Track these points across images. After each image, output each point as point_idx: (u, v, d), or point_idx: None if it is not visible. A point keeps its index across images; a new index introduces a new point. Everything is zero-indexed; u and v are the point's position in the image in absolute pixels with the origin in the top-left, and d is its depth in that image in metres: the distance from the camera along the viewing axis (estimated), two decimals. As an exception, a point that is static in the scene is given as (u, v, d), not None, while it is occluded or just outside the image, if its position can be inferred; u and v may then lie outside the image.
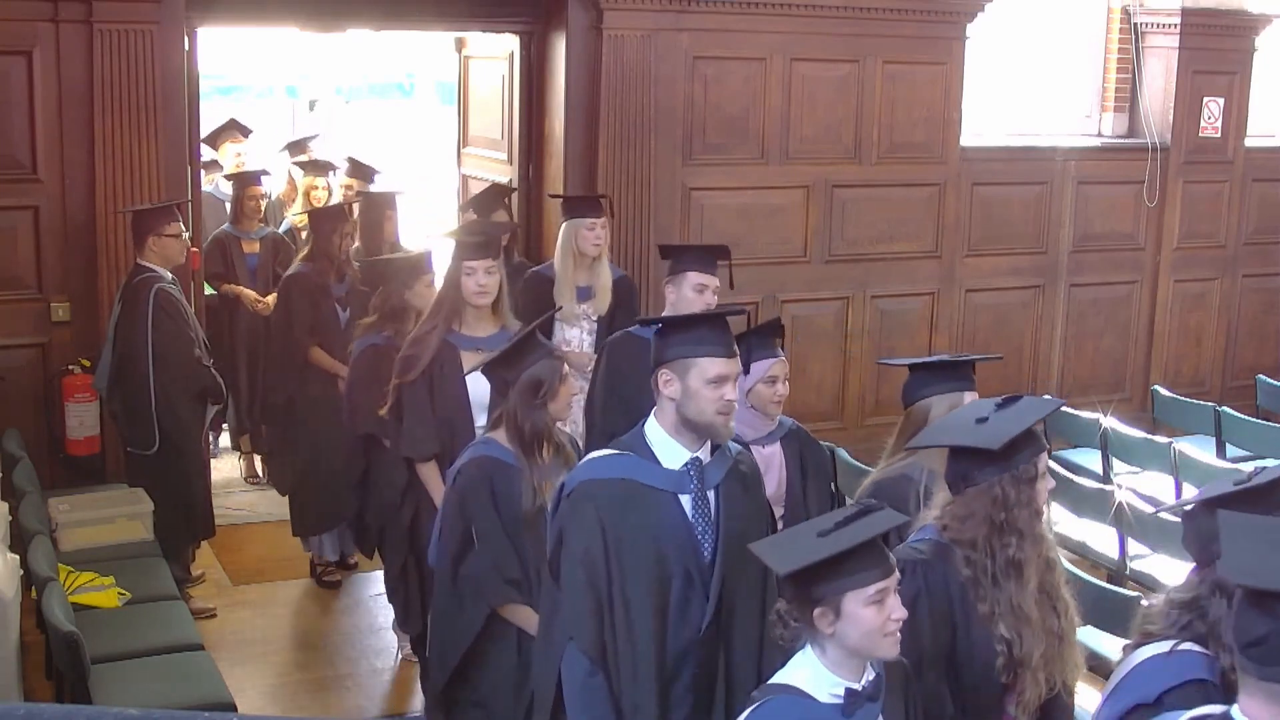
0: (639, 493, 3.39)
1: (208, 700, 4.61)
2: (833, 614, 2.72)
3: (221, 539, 7.00)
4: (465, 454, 4.22)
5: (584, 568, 3.36)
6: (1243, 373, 9.36)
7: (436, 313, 5.08)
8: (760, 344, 4.60)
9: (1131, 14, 9.03)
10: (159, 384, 6.03)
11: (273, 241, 8.00)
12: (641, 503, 3.38)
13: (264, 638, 6.28)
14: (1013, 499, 3.21)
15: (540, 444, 4.10)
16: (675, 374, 3.37)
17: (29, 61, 6.41)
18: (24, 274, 6.58)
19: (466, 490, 4.10)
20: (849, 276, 8.22)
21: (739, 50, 7.69)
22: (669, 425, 3.43)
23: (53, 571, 5.00)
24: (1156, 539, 5.88)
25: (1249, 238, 9.48)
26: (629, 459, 3.44)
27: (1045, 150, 8.81)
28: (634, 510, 3.38)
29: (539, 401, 4.08)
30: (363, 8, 7.40)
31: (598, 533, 3.36)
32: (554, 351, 4.25)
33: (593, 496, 3.39)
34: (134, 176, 6.53)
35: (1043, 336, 8.96)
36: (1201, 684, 2.81)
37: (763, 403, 4.62)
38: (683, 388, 3.37)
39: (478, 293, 5.01)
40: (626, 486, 3.39)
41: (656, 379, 3.42)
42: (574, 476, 3.49)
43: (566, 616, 3.42)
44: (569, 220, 6.20)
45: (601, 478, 3.42)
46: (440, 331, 5.02)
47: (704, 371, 3.37)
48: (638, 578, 3.35)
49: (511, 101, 7.82)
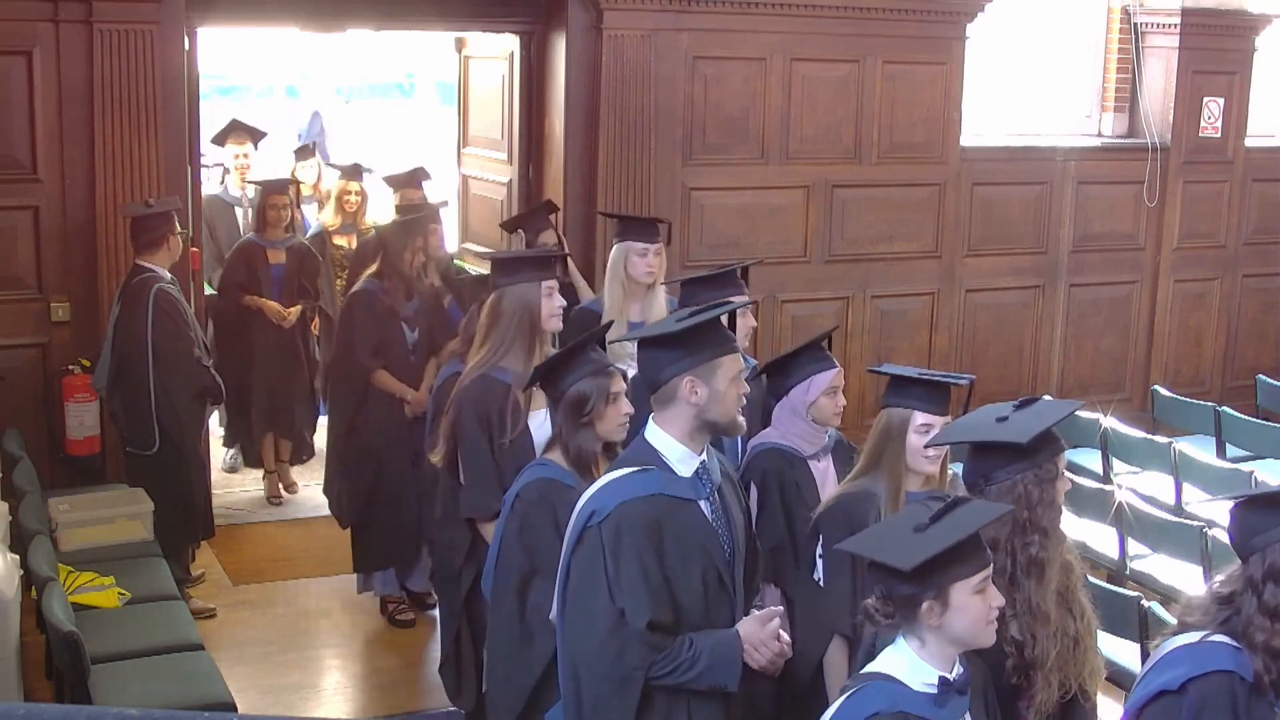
0: (671, 507, 3.31)
1: (208, 700, 4.60)
2: (941, 606, 2.74)
3: (221, 539, 7.00)
4: (523, 476, 4.00)
5: (645, 583, 3.22)
6: (1243, 373, 9.36)
7: (501, 344, 4.52)
8: (817, 356, 4.49)
9: (1131, 14, 9.03)
10: (159, 384, 6.03)
11: (299, 251, 7.63)
12: (676, 517, 3.30)
13: (264, 638, 6.28)
14: (1036, 497, 3.21)
15: (591, 466, 3.86)
16: (700, 378, 3.30)
17: (29, 61, 6.41)
18: (24, 274, 6.58)
19: (527, 515, 3.87)
20: (849, 276, 8.22)
21: (739, 50, 7.69)
22: (682, 432, 3.34)
23: (53, 571, 5.00)
24: (1156, 539, 5.88)
25: (1249, 238, 9.48)
26: (653, 474, 3.33)
27: (1045, 150, 8.81)
28: (674, 526, 3.29)
29: (584, 420, 3.86)
30: (363, 8, 7.40)
31: (651, 552, 3.24)
32: (606, 368, 3.94)
33: (635, 518, 3.26)
34: (134, 176, 6.53)
35: (1043, 336, 8.96)
36: (1227, 675, 2.82)
37: (825, 416, 4.47)
38: (709, 391, 3.30)
39: (555, 315, 4.60)
40: (659, 502, 3.29)
41: (676, 389, 3.31)
42: (599, 502, 3.31)
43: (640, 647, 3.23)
44: (620, 243, 5.65)
45: (638, 497, 3.29)
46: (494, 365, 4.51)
47: (729, 370, 3.33)
48: (690, 594, 3.29)
49: (511, 101, 7.82)
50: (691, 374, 3.30)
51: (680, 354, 3.31)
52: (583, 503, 3.39)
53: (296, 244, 7.65)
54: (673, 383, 3.31)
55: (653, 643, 3.22)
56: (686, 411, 3.32)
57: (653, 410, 3.41)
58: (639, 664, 3.22)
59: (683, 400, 3.31)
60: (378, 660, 6.10)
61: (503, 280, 4.55)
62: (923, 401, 3.88)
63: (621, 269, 5.57)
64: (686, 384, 3.30)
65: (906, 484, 3.86)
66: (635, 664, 3.22)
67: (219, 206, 8.45)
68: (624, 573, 3.22)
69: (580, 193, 7.45)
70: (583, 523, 3.32)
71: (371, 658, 6.13)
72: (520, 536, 3.87)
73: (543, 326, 4.56)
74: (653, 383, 3.36)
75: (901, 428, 3.88)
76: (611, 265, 5.65)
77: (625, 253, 5.58)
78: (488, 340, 4.54)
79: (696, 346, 3.32)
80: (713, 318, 3.38)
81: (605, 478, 3.40)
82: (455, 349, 5.08)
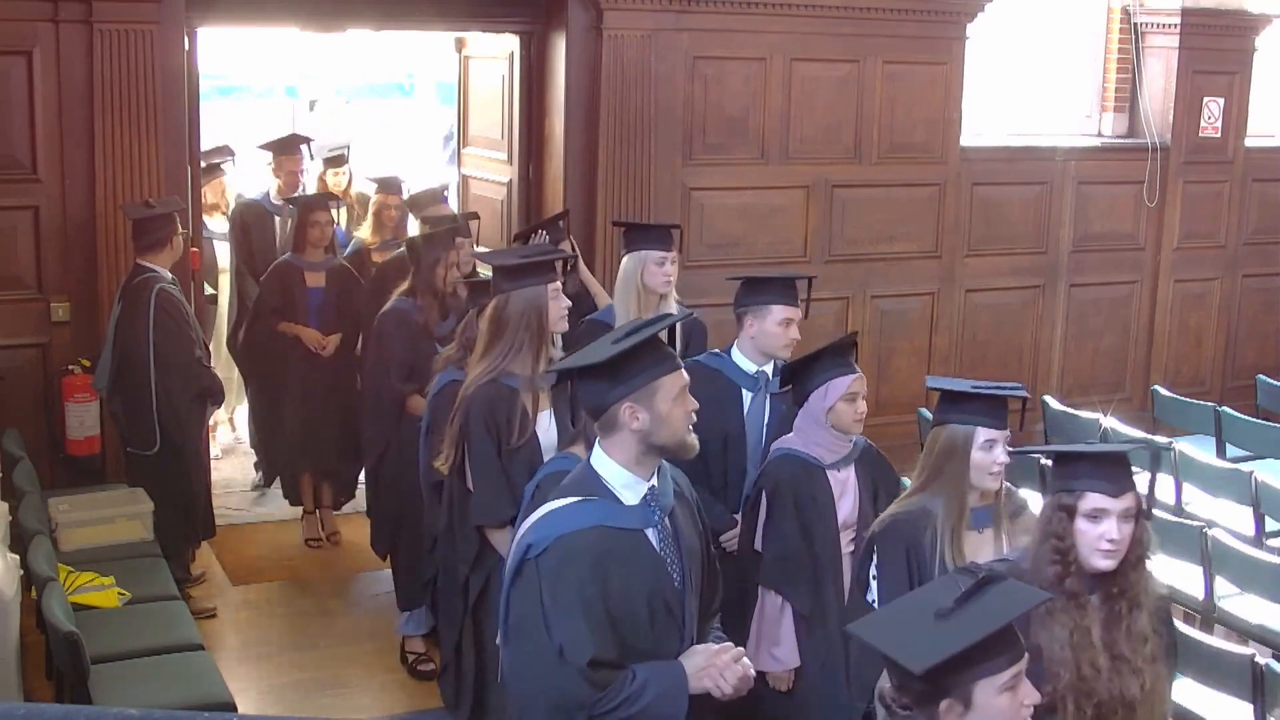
0: (614, 539, 3.14)
1: (208, 700, 4.60)
2: (962, 705, 2.46)
3: (221, 539, 7.00)
4: (546, 467, 3.94)
5: (585, 620, 3.08)
6: (1243, 373, 9.36)
7: (509, 348, 4.43)
8: (837, 360, 4.34)
9: (1131, 14, 9.03)
10: (159, 384, 6.03)
11: (340, 274, 7.10)
12: (619, 549, 3.14)
13: (264, 638, 6.28)
14: None
15: None
16: (640, 404, 3.14)
17: (29, 61, 6.41)
18: (24, 274, 6.58)
19: None
20: (849, 276, 8.22)
21: (739, 50, 7.69)
22: (628, 457, 3.19)
23: (53, 571, 5.00)
24: (1156, 539, 5.87)
25: (1249, 238, 9.49)
26: (595, 505, 3.17)
27: (1045, 150, 8.82)
28: (617, 558, 3.13)
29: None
30: (363, 8, 7.40)
31: (593, 587, 3.08)
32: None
33: (574, 551, 3.11)
34: (134, 176, 6.53)
35: (1043, 336, 8.96)
36: None
37: (845, 423, 4.32)
38: (651, 415, 3.14)
39: (561, 317, 4.51)
40: (602, 535, 3.13)
41: (616, 416, 3.15)
42: (538, 533, 3.17)
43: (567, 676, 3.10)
44: (634, 252, 5.54)
45: (575, 529, 3.13)
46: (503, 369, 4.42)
47: (669, 390, 3.17)
48: (636, 627, 3.15)
49: (511, 101, 7.82)
50: (630, 399, 3.14)
51: (615, 380, 3.16)
52: (521, 532, 3.26)
53: (336, 265, 7.13)
54: (612, 410, 3.16)
55: (595, 680, 3.08)
56: (630, 438, 3.18)
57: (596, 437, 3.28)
58: (581, 703, 3.09)
59: (624, 427, 3.17)
60: (378, 661, 6.09)
61: (507, 285, 4.46)
62: (986, 417, 3.74)
63: (638, 278, 5.47)
64: (626, 410, 3.15)
65: (968, 501, 3.75)
66: (577, 702, 3.10)
67: (258, 213, 8.08)
68: (563, 609, 3.09)
69: (580, 193, 7.45)
70: (520, 555, 3.19)
71: (372, 658, 6.12)
72: None
73: (550, 329, 4.48)
74: (593, 412, 3.23)
75: (965, 445, 3.73)
76: (626, 275, 5.54)
77: (642, 262, 5.49)
78: (494, 345, 4.45)
79: (631, 371, 3.16)
80: (644, 339, 3.19)
81: (546, 507, 3.24)
82: (451, 356, 5.00)
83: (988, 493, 3.79)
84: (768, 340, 4.86)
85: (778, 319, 4.84)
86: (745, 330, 4.89)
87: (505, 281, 4.48)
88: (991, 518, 3.82)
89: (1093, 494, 3.12)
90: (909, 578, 3.68)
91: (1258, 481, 6.25)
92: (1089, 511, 3.12)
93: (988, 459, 3.71)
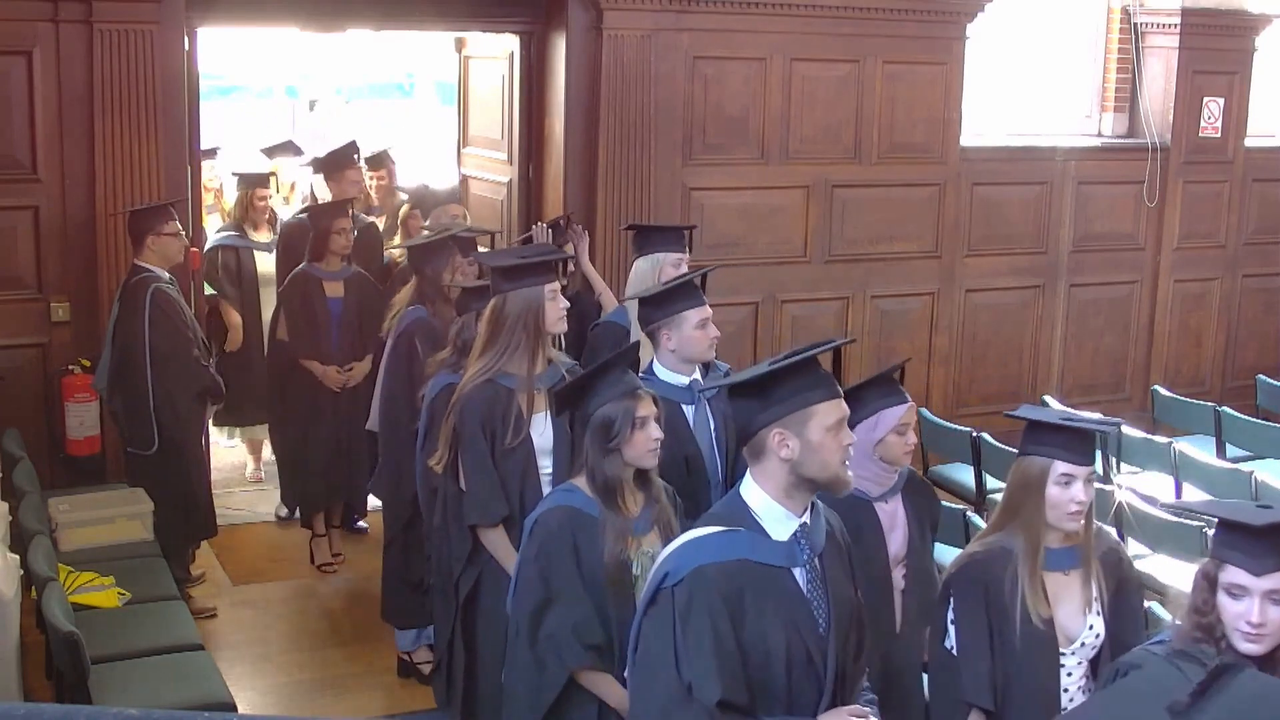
0: (758, 574, 2.96)
1: (208, 700, 4.60)
2: None
3: (221, 539, 6.99)
4: (546, 501, 3.88)
5: (716, 658, 2.90)
6: (1243, 373, 9.36)
7: (506, 349, 4.42)
8: (887, 390, 4.12)
9: (1131, 14, 9.03)
10: (158, 384, 6.04)
11: (359, 283, 6.87)
12: (761, 585, 2.96)
13: (264, 638, 6.28)
14: None
15: (617, 494, 3.70)
16: (790, 430, 2.95)
17: (29, 61, 6.41)
18: (24, 274, 6.58)
19: (545, 543, 3.70)
20: (849, 276, 8.22)
21: (739, 50, 7.69)
22: (777, 489, 2.99)
23: (53, 571, 5.00)
24: (1156, 539, 5.88)
25: (1249, 238, 9.49)
26: (739, 536, 2.99)
27: (1045, 150, 8.81)
28: (758, 595, 2.95)
29: (611, 446, 3.68)
30: (363, 8, 7.40)
31: (727, 623, 2.91)
32: (635, 390, 3.75)
33: (711, 584, 2.93)
34: (134, 176, 6.53)
35: (1043, 336, 8.96)
36: None
37: (894, 455, 4.09)
38: (802, 443, 2.95)
39: (560, 319, 4.49)
40: (745, 569, 2.96)
41: (764, 441, 2.98)
42: (675, 562, 3.01)
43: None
44: (649, 255, 5.51)
45: (717, 561, 2.96)
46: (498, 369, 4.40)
47: (824, 419, 2.97)
48: (766, 672, 2.96)
49: (511, 101, 7.82)
50: (780, 425, 2.96)
51: (767, 402, 2.98)
52: (660, 560, 3.11)
53: (355, 275, 6.88)
54: (761, 434, 2.98)
55: None
56: (778, 467, 2.97)
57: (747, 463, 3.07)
58: None
59: (772, 454, 2.97)
60: (377, 660, 6.09)
61: (505, 286, 4.45)
62: (1064, 450, 3.45)
63: (655, 281, 5.36)
64: (775, 436, 2.96)
65: (1045, 540, 3.49)
66: None
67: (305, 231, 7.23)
68: (694, 644, 2.92)
69: (580, 193, 7.46)
70: (656, 583, 3.03)
71: (371, 658, 6.12)
72: (537, 563, 3.71)
73: (546, 330, 4.47)
74: (741, 434, 3.06)
75: (1040, 479, 3.45)
76: (641, 277, 5.49)
77: (660, 264, 5.46)
78: (491, 345, 4.45)
79: (785, 393, 2.97)
80: (803, 360, 2.98)
81: (686, 535, 3.08)
82: (445, 359, 4.98)
83: (1073, 534, 3.51)
84: (691, 347, 4.64)
85: (693, 323, 4.62)
86: (663, 345, 4.66)
87: (503, 282, 4.47)
88: (1078, 559, 3.54)
89: (1232, 567, 2.87)
90: (988, 623, 3.46)
91: (1258, 481, 6.25)
92: (1228, 586, 2.87)
93: (1064, 496, 3.44)
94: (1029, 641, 3.45)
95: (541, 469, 4.45)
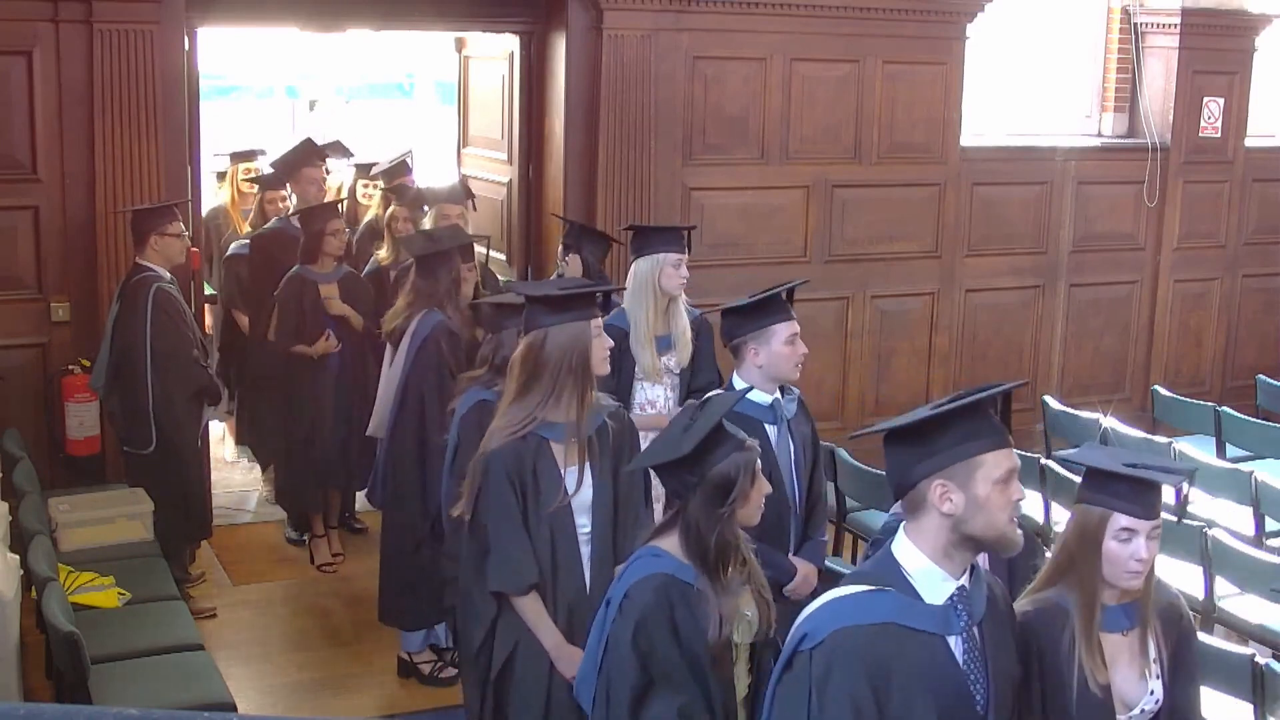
0: (907, 641, 2.69)
1: (208, 700, 4.60)
2: None
3: (221, 539, 7.00)
4: (632, 569, 3.39)
5: None
6: (1243, 373, 9.36)
7: (549, 394, 3.92)
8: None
9: (1131, 14, 9.03)
10: (156, 383, 6.04)
11: (349, 282, 6.77)
12: (910, 653, 2.69)
13: (264, 638, 6.28)
14: None
15: (727, 562, 3.30)
16: (954, 482, 2.69)
17: (29, 61, 6.41)
18: (24, 274, 6.58)
19: (643, 619, 3.28)
20: (849, 276, 8.22)
21: (739, 50, 7.69)
22: (936, 548, 2.73)
23: (53, 571, 5.00)
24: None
25: (1249, 238, 9.49)
26: (888, 598, 2.72)
27: (1045, 150, 8.82)
28: (905, 665, 2.68)
29: (728, 509, 3.27)
30: (363, 8, 7.40)
31: (869, 693, 2.65)
32: (744, 441, 3.35)
33: (853, 650, 2.67)
34: (134, 176, 6.53)
35: (1043, 336, 8.96)
36: None
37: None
38: (966, 497, 2.69)
39: (605, 359, 4.01)
40: (892, 634, 2.69)
41: (924, 494, 2.72)
42: (815, 623, 2.75)
43: None
44: (648, 255, 5.40)
45: (859, 623, 2.69)
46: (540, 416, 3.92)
47: (992, 470, 2.70)
48: None
49: (511, 101, 7.82)
50: (943, 476, 2.70)
51: (929, 450, 2.72)
52: (800, 620, 2.81)
53: (348, 275, 6.81)
54: (920, 486, 2.72)
55: None
56: (939, 523, 2.71)
57: (904, 518, 2.82)
58: None
59: (933, 508, 2.71)
60: (377, 660, 6.09)
61: (547, 320, 3.93)
62: (1125, 501, 3.10)
63: (655, 282, 5.35)
64: (937, 489, 2.70)
65: (1102, 598, 3.14)
66: None
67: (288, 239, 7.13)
68: (830, 714, 2.66)
69: (580, 193, 7.45)
70: (794, 645, 2.77)
71: (371, 658, 6.12)
72: (634, 644, 3.28)
73: (595, 371, 3.97)
74: (898, 486, 2.79)
75: (1097, 531, 3.12)
76: (641, 278, 5.41)
77: (660, 265, 5.39)
78: (529, 391, 3.93)
79: (950, 440, 2.71)
80: (971, 403, 2.72)
81: (829, 594, 2.80)
82: (480, 377, 4.65)
83: (1131, 591, 3.16)
84: (779, 364, 4.47)
85: (783, 338, 4.47)
86: (749, 360, 4.47)
87: (545, 315, 3.95)
88: (1136, 617, 3.19)
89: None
90: (1042, 687, 3.12)
91: (1258, 481, 6.25)
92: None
93: (1124, 552, 3.10)
94: (1085, 710, 3.12)
95: (580, 528, 4.00)
